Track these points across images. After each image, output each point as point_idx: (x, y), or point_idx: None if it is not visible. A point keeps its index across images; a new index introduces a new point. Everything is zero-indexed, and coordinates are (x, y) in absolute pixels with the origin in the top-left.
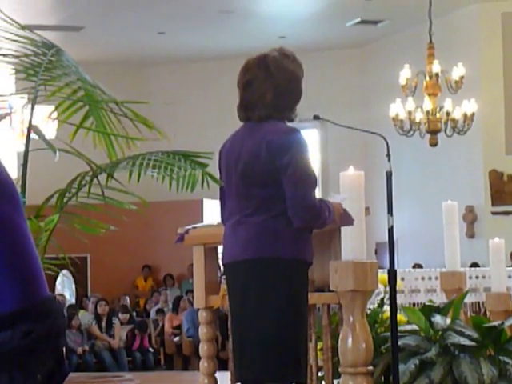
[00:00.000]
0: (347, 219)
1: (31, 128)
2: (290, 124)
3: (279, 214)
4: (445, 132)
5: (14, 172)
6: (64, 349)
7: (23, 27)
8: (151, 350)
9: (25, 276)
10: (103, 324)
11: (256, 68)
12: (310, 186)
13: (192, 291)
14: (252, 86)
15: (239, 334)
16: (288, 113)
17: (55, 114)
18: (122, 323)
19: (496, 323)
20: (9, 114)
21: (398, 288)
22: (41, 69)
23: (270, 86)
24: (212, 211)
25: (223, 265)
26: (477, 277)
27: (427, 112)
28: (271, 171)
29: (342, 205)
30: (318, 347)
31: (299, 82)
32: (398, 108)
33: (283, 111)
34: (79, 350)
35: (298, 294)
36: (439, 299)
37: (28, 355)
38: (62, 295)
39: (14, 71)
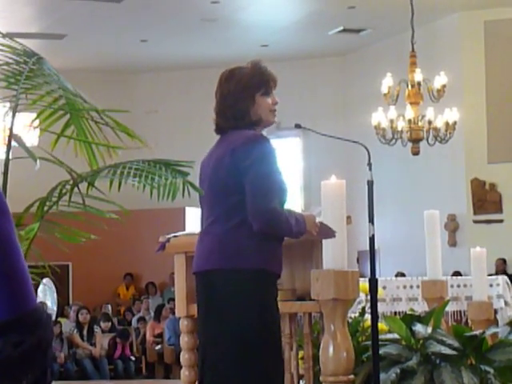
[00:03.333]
0: (327, 232)
1: (12, 136)
2: (258, 132)
3: (240, 223)
4: (427, 141)
5: None
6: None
7: (4, 35)
8: (133, 358)
9: (14, 286)
10: (84, 332)
11: (223, 79)
12: (269, 191)
13: (174, 299)
14: (216, 96)
15: (203, 344)
16: (248, 120)
17: (36, 123)
18: (103, 331)
19: (477, 332)
20: None
21: (379, 297)
22: (22, 77)
23: (221, 97)
24: (194, 219)
25: (193, 274)
26: (458, 285)
27: (409, 121)
28: (235, 177)
29: (315, 217)
30: (299, 356)
31: (248, 88)
32: (380, 117)
33: (241, 119)
34: (60, 359)
35: (262, 306)
36: (420, 308)
37: (17, 366)
38: (43, 303)
39: None
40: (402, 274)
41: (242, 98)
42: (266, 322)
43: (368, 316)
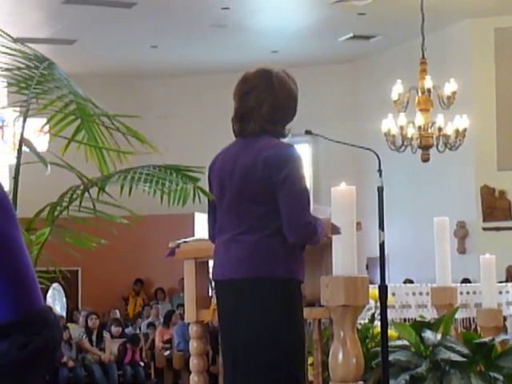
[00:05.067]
0: (335, 230)
1: (23, 141)
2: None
3: (273, 232)
4: (437, 147)
5: (5, 185)
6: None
7: (15, 40)
8: (142, 364)
9: (20, 287)
10: (94, 338)
11: (257, 79)
12: (306, 202)
13: (183, 305)
14: (250, 95)
15: (232, 354)
16: (280, 128)
17: (47, 128)
18: (114, 336)
19: (486, 339)
20: (1, 128)
21: (388, 303)
22: (33, 82)
23: (269, 97)
24: (203, 225)
25: (214, 281)
26: (468, 292)
27: (419, 127)
28: (267, 187)
29: (330, 220)
30: (309, 362)
31: (296, 101)
32: (390, 123)
33: (276, 125)
34: (70, 363)
35: (292, 313)
36: (430, 315)
37: (24, 368)
38: (50, 308)
39: (6, 84)
40: (410, 281)
41: (291, 107)
42: (296, 329)
43: (377, 322)
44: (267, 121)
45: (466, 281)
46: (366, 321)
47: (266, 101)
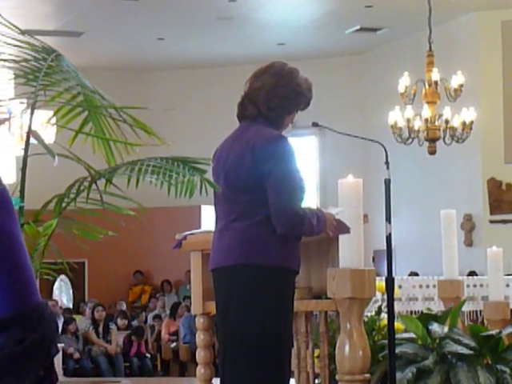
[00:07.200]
0: (342, 228)
1: (30, 133)
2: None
3: (263, 220)
4: (443, 140)
5: (13, 176)
6: (56, 356)
7: (23, 32)
8: (148, 355)
9: (17, 282)
10: (100, 329)
11: (272, 66)
12: (292, 193)
13: (189, 297)
14: (260, 78)
15: (223, 340)
16: (274, 116)
17: (54, 119)
18: (120, 328)
19: (493, 332)
20: (8, 119)
21: (395, 296)
22: (40, 74)
23: (272, 82)
24: (210, 217)
25: (211, 270)
26: (474, 285)
27: (426, 120)
28: (255, 176)
29: (335, 216)
30: (315, 354)
31: (299, 98)
32: (397, 116)
33: (271, 111)
34: (76, 355)
35: (280, 303)
36: (437, 307)
37: (20, 362)
38: (54, 301)
39: (13, 76)
40: (416, 274)
41: (291, 99)
42: (282, 319)
43: (384, 315)
44: (263, 104)
45: (472, 273)
46: (373, 313)
47: (268, 83)
